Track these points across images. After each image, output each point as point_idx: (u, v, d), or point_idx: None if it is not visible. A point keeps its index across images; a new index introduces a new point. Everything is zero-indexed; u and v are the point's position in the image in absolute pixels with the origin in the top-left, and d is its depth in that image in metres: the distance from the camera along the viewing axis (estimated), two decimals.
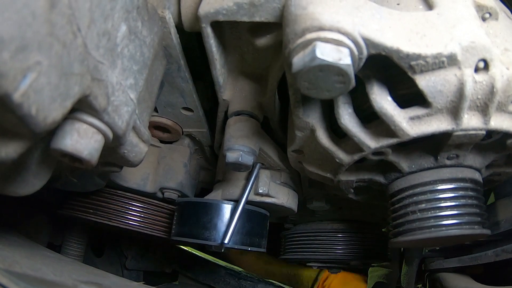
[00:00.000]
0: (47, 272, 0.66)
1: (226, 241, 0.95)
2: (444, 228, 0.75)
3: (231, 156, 0.86)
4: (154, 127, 1.10)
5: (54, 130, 0.51)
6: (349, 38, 0.54)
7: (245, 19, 0.70)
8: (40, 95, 0.38)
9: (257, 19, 0.69)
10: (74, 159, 0.54)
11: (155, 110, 1.02)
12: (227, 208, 1.00)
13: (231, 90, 0.94)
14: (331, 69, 0.52)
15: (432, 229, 0.76)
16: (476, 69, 0.61)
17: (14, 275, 0.53)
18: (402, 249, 1.46)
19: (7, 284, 0.47)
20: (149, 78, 0.71)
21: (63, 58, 0.41)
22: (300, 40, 0.54)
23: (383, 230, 1.37)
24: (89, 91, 0.49)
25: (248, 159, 0.87)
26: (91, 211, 1.18)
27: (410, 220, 0.79)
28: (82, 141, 0.53)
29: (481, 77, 0.61)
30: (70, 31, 0.42)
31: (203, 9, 0.72)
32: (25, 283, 0.49)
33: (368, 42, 0.56)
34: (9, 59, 0.33)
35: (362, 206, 1.10)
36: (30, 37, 0.35)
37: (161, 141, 1.20)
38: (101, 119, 0.55)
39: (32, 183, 0.61)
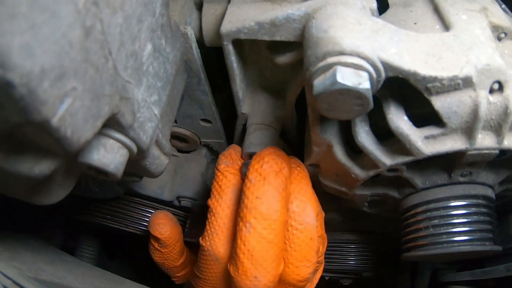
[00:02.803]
0: (70, 279, 0.68)
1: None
2: (456, 244, 0.76)
3: None
4: (172, 137, 1.11)
5: None
6: (368, 63, 0.55)
7: (266, 38, 0.71)
8: (75, 118, 0.40)
9: (277, 38, 0.71)
10: (100, 172, 0.56)
11: (174, 121, 1.04)
12: None
13: (250, 104, 0.95)
14: (350, 93, 0.53)
15: (445, 244, 0.77)
16: (491, 91, 0.62)
17: (42, 283, 0.55)
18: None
19: None
20: (171, 93, 0.73)
21: (96, 81, 0.43)
22: (321, 64, 0.55)
23: (395, 241, 1.37)
24: (117, 109, 0.51)
25: None
26: (109, 217, 1.20)
27: (423, 236, 0.80)
28: (108, 155, 0.55)
29: (495, 98, 0.62)
30: (102, 55, 0.44)
31: (225, 28, 0.74)
32: None
33: (387, 66, 0.57)
34: (49, 87, 0.35)
35: (375, 217, 1.11)
36: (67, 65, 0.37)
37: (179, 151, 1.21)
38: (127, 134, 0.57)
39: (57, 193, 0.63)
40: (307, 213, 0.75)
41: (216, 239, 0.75)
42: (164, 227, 0.91)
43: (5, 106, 0.34)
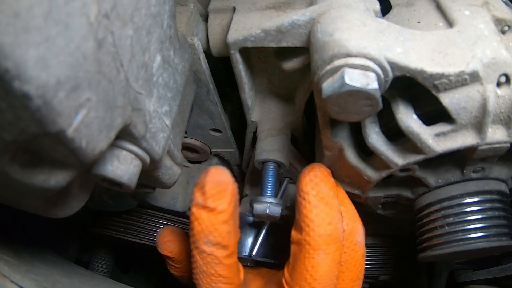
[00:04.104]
0: None
1: (254, 253, 0.96)
2: (472, 242, 0.75)
3: (258, 207, 0.88)
4: (183, 147, 1.12)
5: None
6: (375, 63, 0.55)
7: (273, 45, 0.72)
8: (90, 128, 0.41)
9: (284, 44, 0.72)
10: (113, 183, 0.57)
11: (184, 131, 1.04)
12: (253, 221, 1.01)
13: (259, 112, 0.96)
14: (359, 94, 0.53)
15: (460, 242, 0.76)
16: (498, 84, 0.62)
17: None
18: (430, 262, 1.44)
19: None
20: (182, 104, 0.73)
21: (109, 93, 0.44)
22: (328, 67, 0.56)
23: (410, 244, 1.36)
24: (130, 120, 0.52)
25: (276, 211, 0.89)
26: (122, 229, 1.20)
27: (438, 235, 0.79)
28: (122, 167, 0.55)
29: (503, 91, 0.62)
30: (114, 67, 0.45)
31: (232, 37, 0.75)
32: None
33: (394, 65, 0.58)
34: (64, 98, 0.36)
35: (389, 220, 1.10)
36: (81, 76, 0.38)
37: (190, 161, 1.22)
38: (139, 145, 0.57)
39: (71, 205, 0.64)
40: (359, 232, 0.75)
41: (201, 282, 0.73)
42: (172, 244, 0.89)
43: (22, 117, 0.35)
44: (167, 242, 0.89)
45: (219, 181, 0.69)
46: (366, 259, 1.29)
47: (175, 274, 0.95)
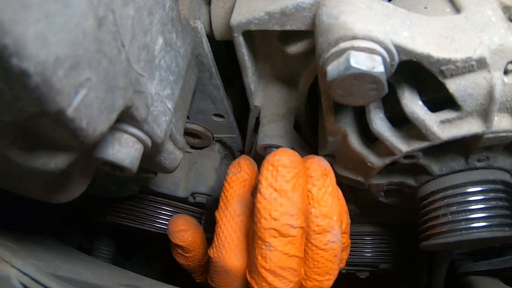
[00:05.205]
0: (88, 276, 0.68)
1: None
2: (475, 231, 0.75)
3: None
4: (185, 133, 1.11)
5: None
6: (381, 46, 0.55)
7: (277, 28, 0.71)
8: (90, 109, 0.40)
9: (288, 27, 0.71)
10: (115, 167, 0.56)
11: (187, 117, 1.04)
12: None
13: (262, 97, 0.95)
14: (365, 77, 0.53)
15: (463, 231, 0.76)
16: (505, 72, 0.61)
17: (61, 278, 0.55)
18: (431, 251, 1.44)
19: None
20: (184, 87, 0.73)
21: (110, 73, 0.43)
22: (334, 50, 0.55)
23: (412, 233, 1.36)
24: (131, 102, 0.51)
25: None
26: (124, 215, 1.20)
27: (441, 223, 0.79)
28: (123, 150, 0.55)
29: (510, 79, 0.61)
30: (115, 47, 0.44)
31: (235, 20, 0.74)
32: (72, 286, 0.51)
33: (400, 49, 0.57)
34: (64, 76, 0.35)
35: (391, 209, 1.10)
36: (81, 55, 0.37)
37: (192, 147, 1.22)
38: (141, 128, 0.57)
39: (72, 190, 0.63)
40: (333, 233, 0.70)
41: (223, 252, 0.72)
42: (186, 233, 0.88)
43: (21, 96, 0.34)
44: (181, 232, 0.88)
45: (250, 161, 0.81)
46: (367, 247, 1.31)
47: (182, 263, 0.94)
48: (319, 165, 0.72)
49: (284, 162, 0.66)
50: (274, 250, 0.65)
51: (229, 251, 0.72)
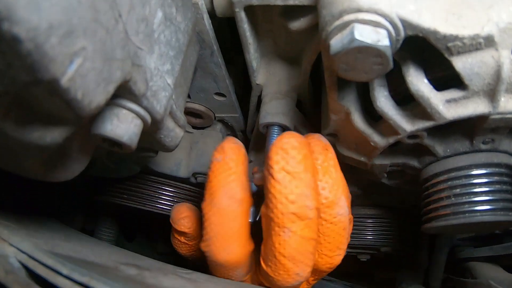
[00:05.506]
0: (87, 254, 0.68)
1: (257, 219, 0.95)
2: (478, 214, 0.74)
3: (259, 176, 0.83)
4: (186, 113, 1.10)
5: (95, 116, 0.52)
6: (386, 20, 0.53)
7: (279, 2, 0.70)
8: (86, 80, 0.39)
9: (290, 2, 0.69)
10: (114, 143, 0.55)
11: (188, 96, 1.03)
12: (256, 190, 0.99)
13: (264, 75, 0.94)
14: (369, 51, 0.51)
15: (467, 214, 0.75)
16: None
17: (59, 256, 0.55)
18: (432, 236, 1.44)
19: (54, 264, 0.48)
20: (184, 64, 0.71)
21: (106, 43, 0.42)
22: (337, 22, 0.54)
23: (414, 216, 1.36)
24: (129, 76, 0.50)
25: None
26: (125, 196, 1.20)
27: (444, 205, 0.78)
28: (122, 125, 0.54)
29: None
30: (112, 17, 0.43)
31: None
32: (70, 264, 0.51)
33: (406, 24, 0.56)
34: (57, 44, 0.34)
35: (394, 192, 1.09)
36: (76, 23, 0.36)
37: (194, 127, 1.21)
38: (140, 104, 0.56)
39: (72, 168, 0.62)
40: (340, 204, 0.72)
41: (213, 247, 0.71)
42: (190, 220, 0.87)
43: (13, 63, 0.33)
44: (185, 218, 0.87)
45: (236, 143, 0.75)
46: (369, 230, 1.31)
47: (184, 253, 0.93)
48: (319, 141, 0.74)
49: (293, 144, 0.66)
50: (293, 235, 0.64)
51: (218, 246, 0.71)
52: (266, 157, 0.68)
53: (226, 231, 0.70)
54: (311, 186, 0.65)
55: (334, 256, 0.74)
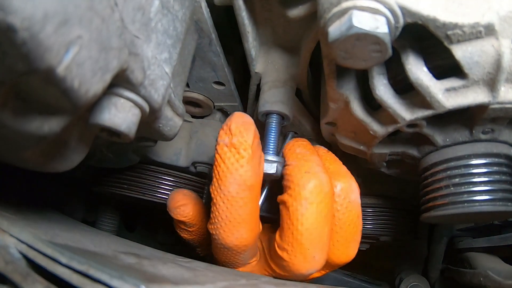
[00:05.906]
0: (87, 243, 0.68)
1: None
2: (477, 204, 0.74)
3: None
4: (185, 102, 1.10)
5: (93, 106, 0.52)
6: (385, 7, 0.53)
7: None
8: (82, 68, 0.39)
9: None
10: (112, 133, 0.55)
11: (187, 85, 1.03)
12: None
13: (263, 63, 0.94)
14: (368, 38, 0.51)
15: (465, 204, 0.74)
16: None
17: (58, 245, 0.55)
18: (431, 226, 1.45)
19: (52, 254, 0.48)
20: (182, 52, 0.71)
21: (102, 32, 0.42)
22: (336, 9, 0.53)
23: (413, 206, 1.36)
24: (126, 65, 0.50)
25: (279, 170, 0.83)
26: (125, 186, 1.20)
27: (443, 195, 0.78)
28: (120, 115, 0.53)
29: None
30: (108, 5, 0.43)
31: None
32: (69, 253, 0.51)
33: (405, 11, 0.55)
34: (53, 33, 0.34)
35: (393, 181, 1.09)
36: (71, 11, 0.36)
37: (193, 116, 1.20)
38: (137, 93, 0.55)
39: (71, 158, 0.62)
40: (353, 189, 0.75)
41: (221, 231, 0.71)
42: (186, 208, 0.87)
43: (8, 53, 0.33)
44: (181, 207, 0.87)
45: (244, 121, 0.71)
46: (368, 219, 1.31)
47: (186, 237, 0.93)
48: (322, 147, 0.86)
49: (299, 143, 0.79)
50: (311, 208, 0.66)
51: (226, 230, 0.70)
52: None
53: (235, 217, 0.69)
54: (320, 165, 0.71)
55: (350, 247, 0.75)
